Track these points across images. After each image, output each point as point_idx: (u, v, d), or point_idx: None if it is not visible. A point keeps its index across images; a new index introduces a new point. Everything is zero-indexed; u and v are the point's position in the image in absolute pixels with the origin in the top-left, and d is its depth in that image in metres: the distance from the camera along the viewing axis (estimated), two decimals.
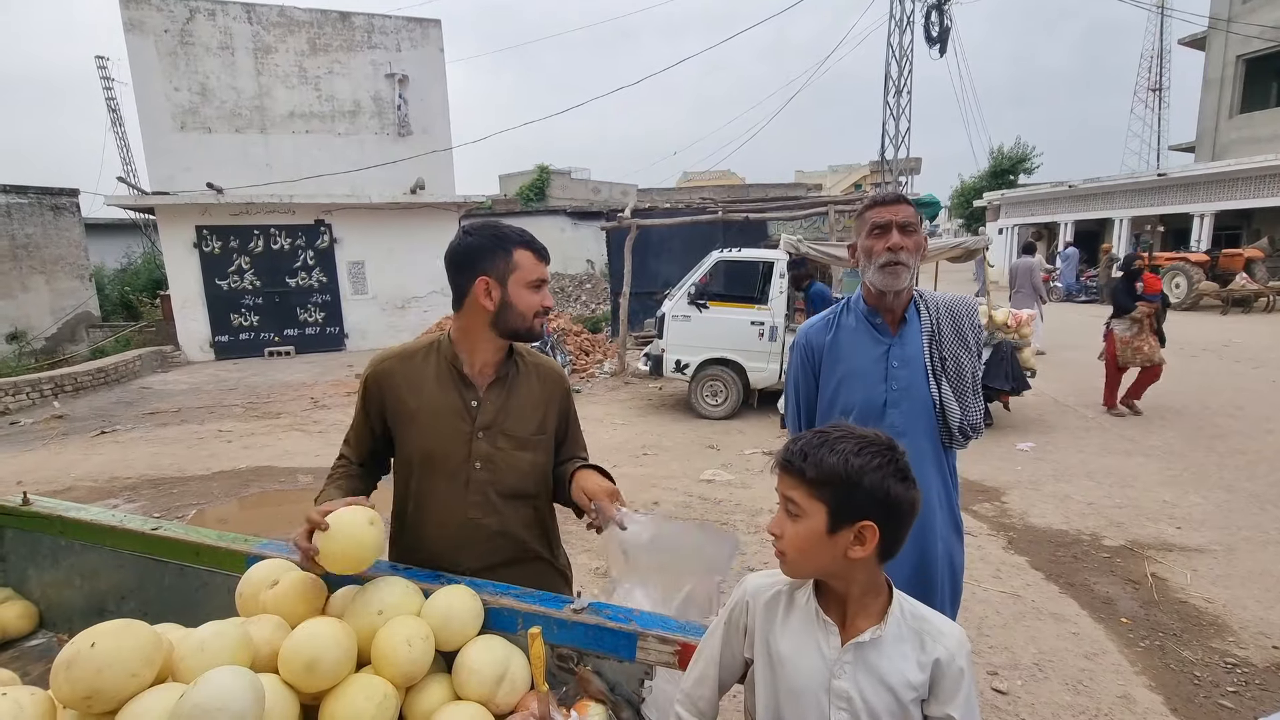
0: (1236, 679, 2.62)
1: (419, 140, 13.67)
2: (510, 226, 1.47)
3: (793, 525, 0.96)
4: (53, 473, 5.58)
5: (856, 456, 0.93)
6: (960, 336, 1.69)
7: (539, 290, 1.46)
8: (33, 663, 1.68)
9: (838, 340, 1.76)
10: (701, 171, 39.54)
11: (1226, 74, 19.86)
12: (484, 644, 1.27)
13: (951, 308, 1.72)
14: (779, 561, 1.00)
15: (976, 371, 1.72)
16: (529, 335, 1.47)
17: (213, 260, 12.23)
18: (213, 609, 1.49)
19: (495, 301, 1.42)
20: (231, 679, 0.97)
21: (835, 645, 0.97)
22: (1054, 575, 3.50)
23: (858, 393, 1.69)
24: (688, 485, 4.95)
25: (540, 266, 1.46)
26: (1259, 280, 14.04)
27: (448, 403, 1.45)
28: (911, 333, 1.70)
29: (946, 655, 0.95)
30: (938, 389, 1.66)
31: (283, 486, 5.22)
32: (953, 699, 0.94)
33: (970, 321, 1.72)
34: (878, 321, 1.71)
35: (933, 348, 1.68)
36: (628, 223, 9.39)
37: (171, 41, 12.03)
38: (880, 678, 0.95)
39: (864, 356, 1.71)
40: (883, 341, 1.70)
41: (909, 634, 0.97)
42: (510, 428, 1.47)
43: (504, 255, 1.41)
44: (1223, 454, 5.30)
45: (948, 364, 1.68)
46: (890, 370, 1.68)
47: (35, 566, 1.86)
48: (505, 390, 1.49)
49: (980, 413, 1.72)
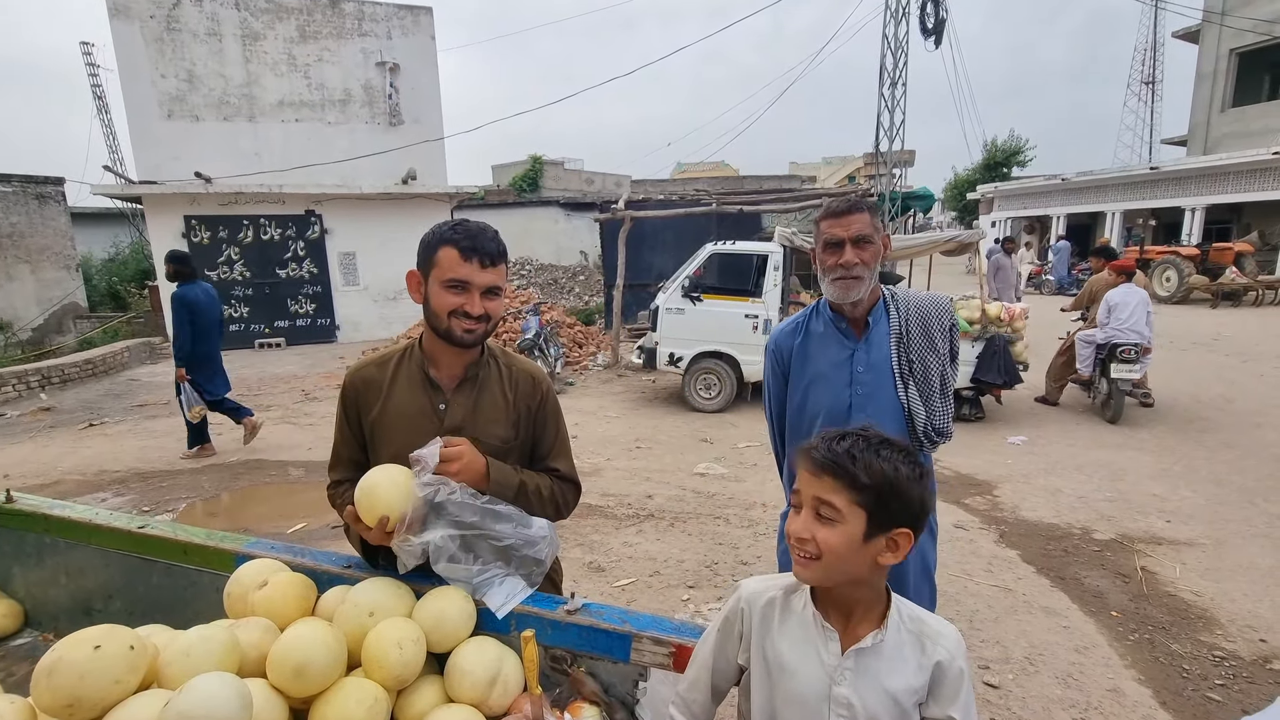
0: (1224, 672, 2.65)
1: (410, 130, 13.52)
2: (457, 223, 1.39)
3: (826, 530, 0.92)
4: (40, 466, 5.51)
5: (903, 465, 0.92)
6: (929, 339, 1.67)
7: (460, 292, 1.35)
8: (18, 662, 1.66)
9: (806, 344, 1.76)
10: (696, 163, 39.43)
11: (1219, 68, 19.93)
12: (476, 646, 1.25)
13: (922, 309, 1.70)
14: (802, 567, 0.95)
15: (946, 375, 1.70)
16: (448, 337, 1.38)
17: (202, 251, 12.08)
18: (201, 609, 1.47)
19: (421, 299, 1.41)
20: (218, 685, 0.96)
21: (835, 652, 0.96)
22: (1045, 569, 3.52)
23: (824, 397, 1.69)
24: (681, 479, 4.94)
25: (462, 265, 1.34)
26: (1248, 274, 14.16)
27: (416, 405, 1.43)
28: (879, 335, 1.69)
29: (947, 657, 0.95)
30: (904, 392, 1.65)
31: (273, 480, 5.19)
32: (953, 701, 0.94)
33: (940, 324, 1.69)
34: (843, 325, 1.71)
35: (900, 350, 1.67)
36: (622, 214, 9.36)
37: (158, 27, 11.82)
38: (881, 684, 0.94)
39: (829, 360, 1.71)
40: (848, 346, 1.70)
41: (909, 638, 0.97)
42: (480, 432, 1.42)
43: (430, 252, 1.38)
44: (1212, 448, 5.35)
45: (915, 367, 1.66)
46: (855, 375, 1.68)
47: (20, 565, 1.83)
48: (474, 392, 1.45)
49: (947, 417, 1.71)
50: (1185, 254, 14.79)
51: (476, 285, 1.35)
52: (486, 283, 1.36)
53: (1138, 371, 5.93)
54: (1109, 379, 6.03)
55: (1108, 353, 5.96)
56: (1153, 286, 14.04)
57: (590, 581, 3.40)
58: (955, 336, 1.73)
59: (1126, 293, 5.98)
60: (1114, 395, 6.04)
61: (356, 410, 1.46)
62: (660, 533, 3.99)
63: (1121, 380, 5.93)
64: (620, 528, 4.07)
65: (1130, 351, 5.79)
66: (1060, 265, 17.74)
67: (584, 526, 4.07)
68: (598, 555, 3.70)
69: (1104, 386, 6.20)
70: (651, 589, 3.34)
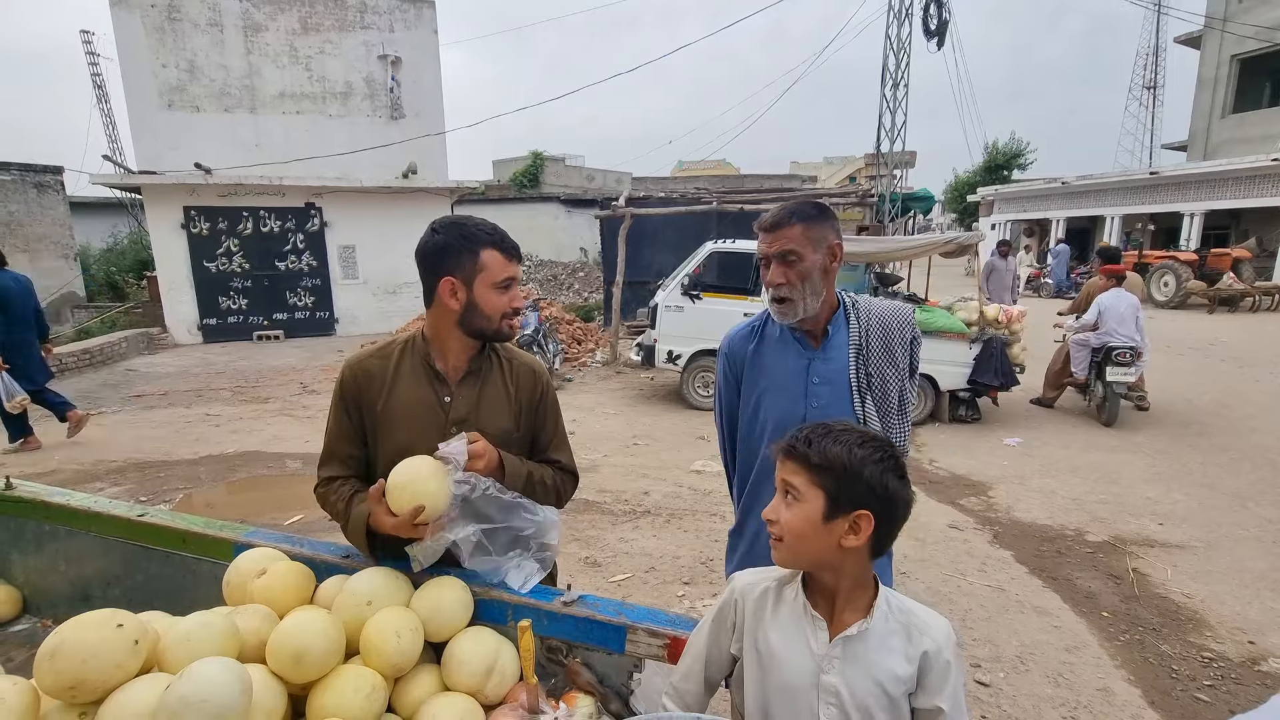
0: (1213, 673, 2.67)
1: (411, 124, 13.49)
2: (480, 223, 1.41)
3: (789, 510, 0.97)
4: (36, 455, 5.51)
5: (860, 448, 0.96)
6: (889, 352, 1.57)
7: (507, 291, 1.41)
8: (16, 648, 1.67)
9: (760, 351, 1.65)
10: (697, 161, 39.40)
11: (1220, 73, 19.97)
12: (474, 636, 1.27)
13: (883, 320, 1.59)
14: (773, 549, 1.00)
15: (906, 391, 1.61)
16: (496, 336, 1.44)
17: (201, 242, 12.06)
18: (199, 597, 1.48)
19: (461, 303, 1.39)
20: (218, 670, 0.97)
21: (823, 640, 0.98)
22: (1038, 569, 3.54)
23: (777, 407, 1.59)
24: (678, 476, 4.96)
25: (509, 266, 1.41)
26: (1245, 280, 14.21)
27: (421, 398, 1.43)
28: (837, 345, 1.58)
29: (934, 648, 0.96)
30: (862, 407, 1.56)
31: (270, 472, 5.19)
32: (940, 691, 0.96)
33: (901, 337, 1.59)
34: (799, 334, 1.61)
35: (859, 362, 1.57)
36: (622, 211, 9.35)
37: (159, 17, 11.78)
38: (868, 672, 0.96)
39: (785, 370, 1.61)
40: (804, 355, 1.59)
41: (897, 628, 0.98)
42: (484, 424, 1.44)
43: (470, 256, 1.37)
44: (1206, 452, 5.38)
45: (873, 381, 1.57)
46: (810, 386, 1.58)
47: (19, 551, 1.84)
48: (478, 385, 1.47)
49: (905, 435, 1.62)
50: (1183, 259, 14.84)
51: (518, 280, 1.45)
52: (521, 276, 1.47)
53: (1133, 374, 5.96)
54: (1104, 382, 6.06)
55: (1103, 356, 5.99)
56: (1150, 291, 14.09)
57: (586, 577, 3.42)
58: (916, 350, 1.64)
59: (1116, 297, 6.01)
60: (1109, 398, 6.06)
61: (357, 402, 1.44)
62: (656, 529, 4.01)
63: (1117, 383, 5.95)
64: (617, 524, 4.09)
65: (1125, 354, 5.82)
66: (1060, 268, 17.79)
67: (580, 522, 4.08)
68: (594, 551, 3.72)
69: (1099, 390, 6.23)
70: (647, 585, 3.36)
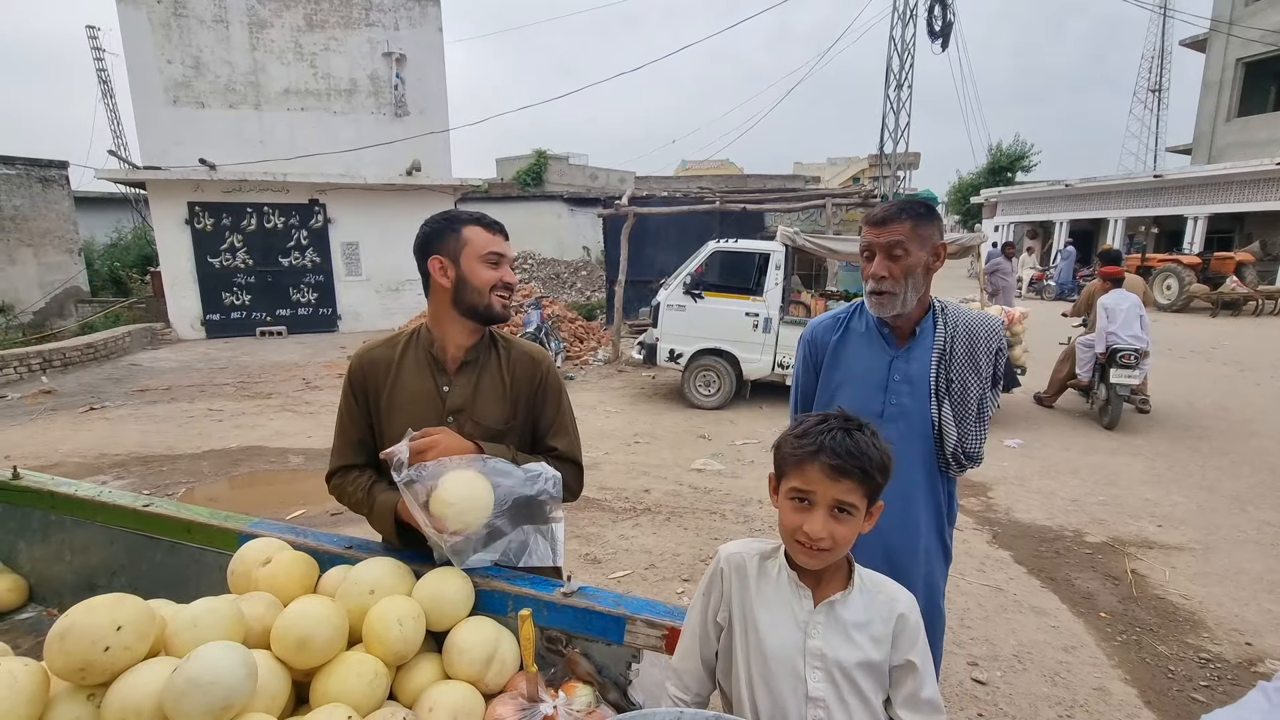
0: (1210, 674, 2.68)
1: (415, 121, 13.51)
2: (464, 210, 1.52)
3: (844, 526, 0.99)
4: (40, 448, 5.54)
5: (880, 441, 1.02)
6: (973, 360, 1.59)
7: (497, 266, 1.45)
8: (22, 636, 1.69)
9: (844, 342, 1.69)
10: (700, 160, 39.32)
11: (1226, 77, 19.90)
12: (474, 625, 1.29)
13: (970, 327, 1.61)
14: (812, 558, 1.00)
15: (985, 399, 1.62)
16: (488, 312, 1.45)
17: (204, 237, 12.10)
18: (204, 586, 1.50)
19: (451, 279, 1.43)
20: (224, 653, 0.99)
21: (808, 608, 1.04)
22: (1036, 570, 3.55)
23: (854, 400, 1.61)
24: (678, 474, 4.97)
25: (494, 240, 1.45)
26: (1249, 284, 14.18)
27: (422, 388, 1.46)
28: (922, 347, 1.60)
29: (907, 609, 1.05)
30: (938, 410, 1.58)
31: (273, 467, 5.21)
32: (912, 647, 1.03)
33: (987, 346, 1.60)
34: (886, 331, 1.63)
35: (941, 366, 1.59)
36: (625, 210, 9.36)
37: (164, 12, 11.81)
38: (850, 635, 1.02)
39: (866, 364, 1.64)
40: (888, 352, 1.62)
41: (871, 597, 1.06)
42: (479, 414, 1.45)
43: (453, 234, 1.44)
44: (1206, 454, 5.38)
45: (953, 386, 1.59)
46: (891, 383, 1.60)
47: (25, 540, 1.86)
48: (476, 374, 1.49)
49: (980, 441, 1.63)
50: (1186, 262, 14.80)
51: (507, 257, 1.47)
52: (510, 255, 1.49)
53: (1137, 377, 5.95)
54: (1108, 384, 6.05)
55: (1107, 357, 5.98)
56: (1153, 294, 14.06)
57: (586, 573, 3.43)
58: (1001, 361, 1.64)
59: (1119, 298, 6.01)
60: (1112, 401, 6.06)
61: (365, 390, 1.48)
62: (657, 527, 4.03)
63: (1120, 386, 5.95)
64: (617, 521, 4.11)
65: (1130, 356, 5.81)
66: (1066, 269, 17.80)
67: (581, 519, 4.10)
68: (594, 548, 3.73)
69: (1102, 392, 6.22)
70: (647, 582, 3.37)
